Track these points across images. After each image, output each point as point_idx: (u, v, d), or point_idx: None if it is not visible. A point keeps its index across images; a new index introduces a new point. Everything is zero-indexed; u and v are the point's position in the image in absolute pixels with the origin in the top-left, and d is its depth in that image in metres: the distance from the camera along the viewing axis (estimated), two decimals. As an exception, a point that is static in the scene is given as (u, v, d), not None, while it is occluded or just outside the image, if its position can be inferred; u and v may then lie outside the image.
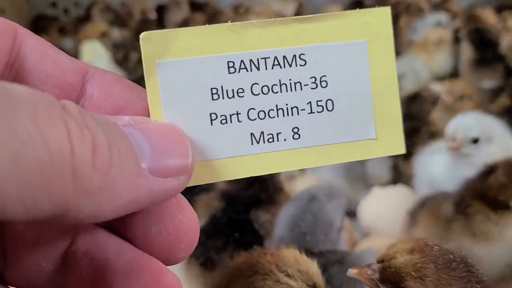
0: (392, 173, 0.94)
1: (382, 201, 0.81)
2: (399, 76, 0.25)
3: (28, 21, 1.67)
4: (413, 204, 0.73)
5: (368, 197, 0.83)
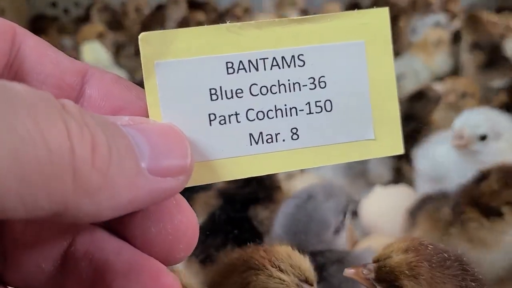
0: (394, 173, 0.94)
1: (383, 200, 0.81)
2: (398, 77, 0.25)
3: (27, 21, 1.66)
4: (413, 203, 0.72)
5: (369, 196, 0.83)
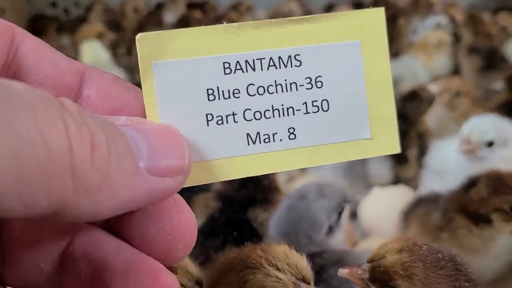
0: (393, 173, 0.94)
1: (382, 201, 0.81)
2: (396, 79, 0.25)
3: (26, 20, 1.66)
4: (407, 205, 0.73)
5: (368, 197, 0.83)
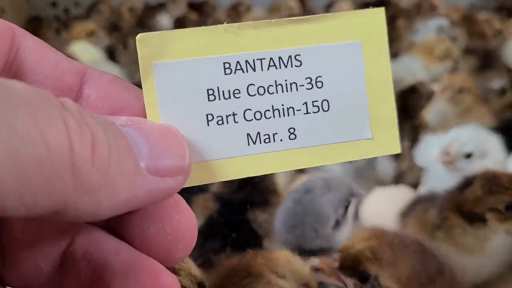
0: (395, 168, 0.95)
1: (383, 200, 0.81)
2: (396, 80, 0.24)
3: (25, 20, 1.65)
4: (405, 204, 0.73)
5: (370, 196, 0.83)
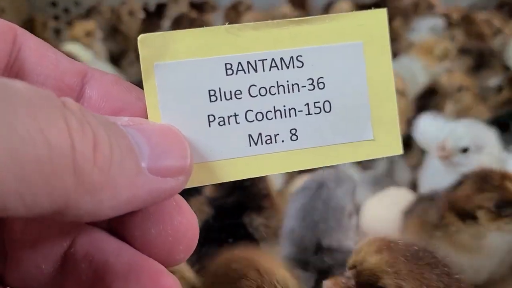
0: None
1: (382, 203, 0.81)
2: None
3: (24, 20, 1.65)
4: (408, 205, 0.74)
5: (369, 199, 0.83)
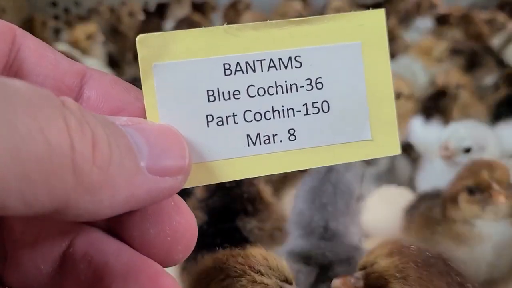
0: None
1: (383, 202, 0.81)
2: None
3: (23, 20, 1.64)
4: (411, 202, 0.74)
5: (370, 197, 0.83)
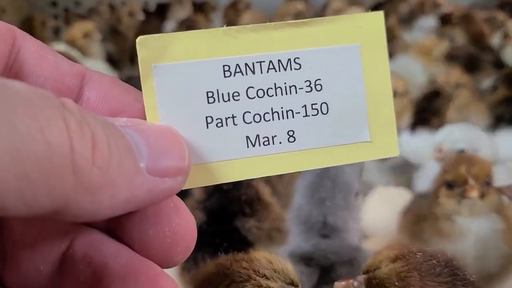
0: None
1: (382, 202, 0.81)
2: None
3: (22, 20, 1.64)
4: (407, 203, 0.75)
5: (369, 198, 0.83)
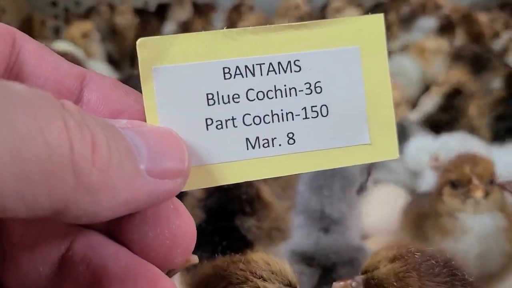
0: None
1: (382, 201, 0.82)
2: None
3: (22, 20, 1.64)
4: (408, 201, 0.76)
5: (369, 198, 0.83)
